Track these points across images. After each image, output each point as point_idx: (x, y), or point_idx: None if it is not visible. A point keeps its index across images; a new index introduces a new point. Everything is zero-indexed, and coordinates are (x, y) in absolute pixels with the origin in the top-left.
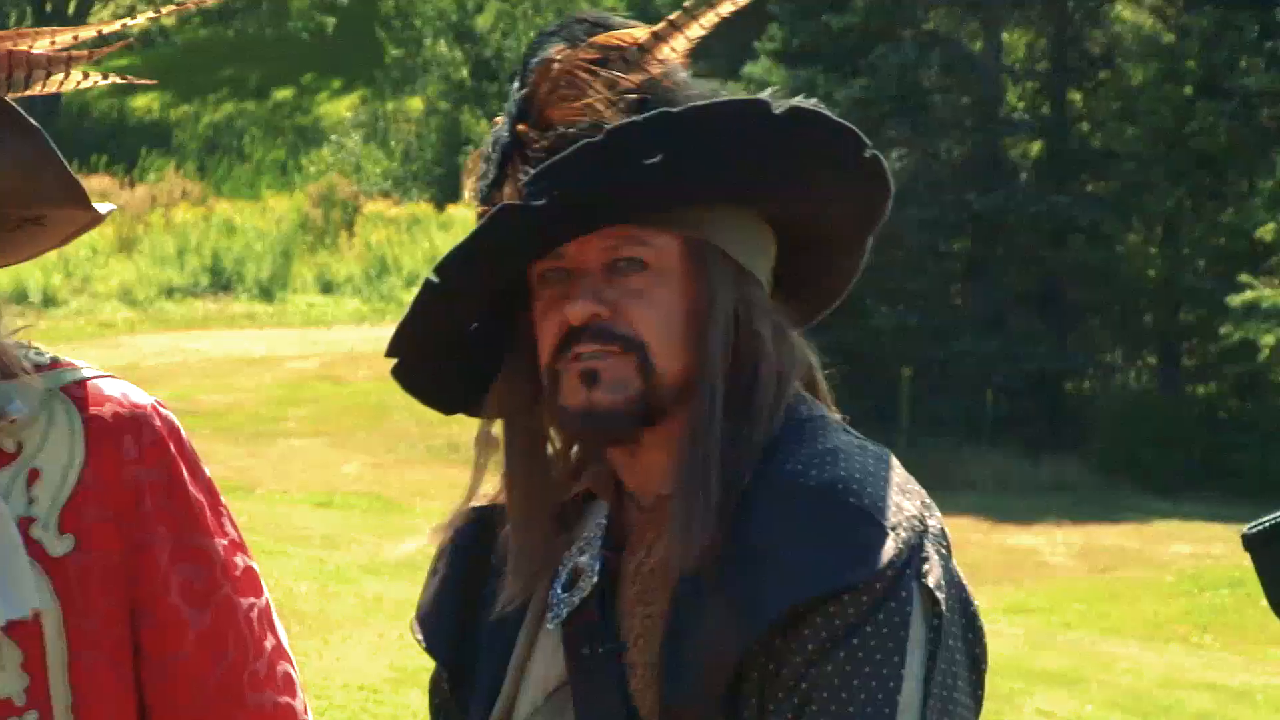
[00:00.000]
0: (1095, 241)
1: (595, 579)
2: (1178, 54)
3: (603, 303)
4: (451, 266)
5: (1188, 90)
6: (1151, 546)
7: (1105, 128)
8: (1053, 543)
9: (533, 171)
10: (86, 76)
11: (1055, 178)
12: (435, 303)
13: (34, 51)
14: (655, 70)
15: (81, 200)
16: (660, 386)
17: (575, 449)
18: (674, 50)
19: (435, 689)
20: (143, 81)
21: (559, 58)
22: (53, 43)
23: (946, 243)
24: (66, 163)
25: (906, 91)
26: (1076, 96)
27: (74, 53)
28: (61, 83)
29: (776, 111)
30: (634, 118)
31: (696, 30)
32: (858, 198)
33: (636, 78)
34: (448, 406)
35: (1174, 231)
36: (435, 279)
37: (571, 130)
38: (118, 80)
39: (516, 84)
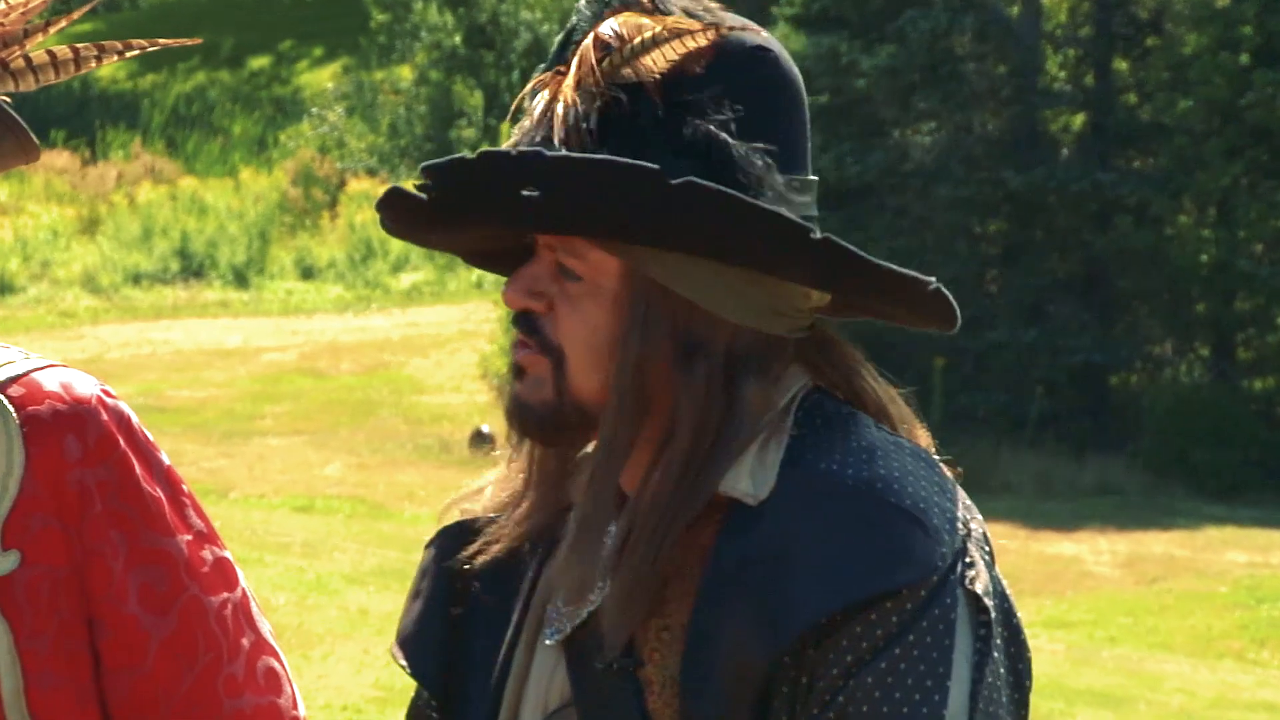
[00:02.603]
0: (1143, 223)
1: (607, 588)
2: (1233, 19)
3: (538, 297)
4: (384, 213)
5: (1244, 58)
6: (1204, 555)
7: (1154, 99)
8: (1096, 551)
9: (432, 162)
10: (122, 54)
11: (1099, 153)
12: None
13: (8, 28)
14: (643, 74)
15: (15, 128)
16: (569, 402)
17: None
18: (664, 57)
19: (417, 716)
20: (181, 42)
21: (614, 23)
22: (23, 13)
23: (981, 224)
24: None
25: (937, 60)
26: (1123, 65)
27: (34, 22)
28: (78, 65)
29: (672, 182)
30: (505, 149)
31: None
32: (787, 267)
33: (624, 75)
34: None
35: (1229, 212)
36: (387, 222)
37: (544, 116)
38: (146, 49)
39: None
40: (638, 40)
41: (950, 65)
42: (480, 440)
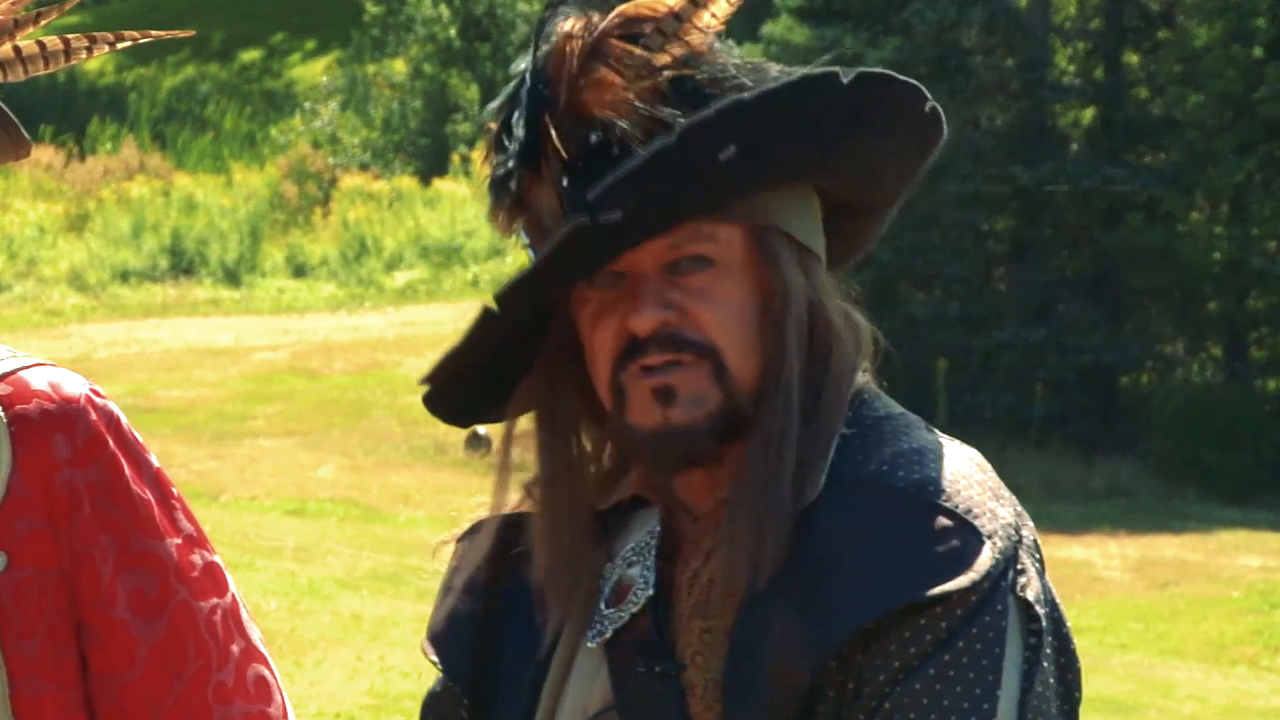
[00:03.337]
0: (1154, 220)
1: (650, 591)
2: (1245, 11)
3: (669, 307)
4: (514, 294)
5: (1257, 52)
6: (1216, 559)
7: (1165, 93)
8: (1106, 555)
9: (599, 184)
10: (114, 45)
11: (1109, 149)
12: (490, 331)
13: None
14: (696, 41)
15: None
16: (739, 394)
17: (609, 452)
18: (715, 16)
19: (437, 709)
20: (173, 34)
21: (578, 33)
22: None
23: (989, 221)
24: None
25: (944, 53)
26: (1133, 59)
27: (20, 15)
28: (69, 56)
29: (845, 81)
30: (706, 112)
31: None
32: (913, 155)
33: (676, 51)
34: (480, 418)
35: (1241, 209)
36: (496, 309)
37: (617, 128)
38: (138, 41)
39: (529, 61)
40: (676, 8)
41: (957, 58)
42: (476, 442)
